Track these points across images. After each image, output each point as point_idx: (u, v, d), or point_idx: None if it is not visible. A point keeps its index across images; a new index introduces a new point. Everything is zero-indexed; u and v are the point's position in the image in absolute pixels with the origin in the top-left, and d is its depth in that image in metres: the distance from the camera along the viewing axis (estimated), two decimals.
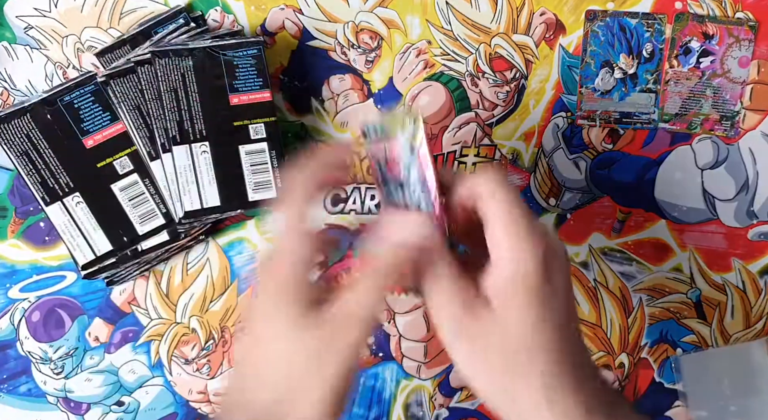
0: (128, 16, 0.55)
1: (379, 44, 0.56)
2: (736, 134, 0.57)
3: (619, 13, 0.56)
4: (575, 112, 0.57)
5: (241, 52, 0.52)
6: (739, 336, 0.58)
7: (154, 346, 0.58)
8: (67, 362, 0.57)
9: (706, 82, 0.56)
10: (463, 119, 0.57)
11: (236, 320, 0.54)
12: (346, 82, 0.57)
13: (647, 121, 0.57)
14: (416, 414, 0.58)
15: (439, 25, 0.56)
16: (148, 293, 0.57)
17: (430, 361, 0.58)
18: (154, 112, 0.52)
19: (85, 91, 0.53)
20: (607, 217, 0.57)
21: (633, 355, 0.58)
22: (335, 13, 0.56)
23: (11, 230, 0.56)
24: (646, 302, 0.58)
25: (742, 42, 0.56)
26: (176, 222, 0.53)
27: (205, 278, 0.57)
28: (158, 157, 0.52)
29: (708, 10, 0.55)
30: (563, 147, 0.57)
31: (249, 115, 0.52)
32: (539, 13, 0.56)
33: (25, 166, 0.52)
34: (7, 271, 0.57)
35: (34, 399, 0.57)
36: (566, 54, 0.56)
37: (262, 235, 0.57)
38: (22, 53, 0.56)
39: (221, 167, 0.52)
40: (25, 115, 0.52)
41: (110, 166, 0.53)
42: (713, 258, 0.58)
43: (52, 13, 0.55)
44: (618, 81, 0.56)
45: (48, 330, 0.57)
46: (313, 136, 0.57)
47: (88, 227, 0.53)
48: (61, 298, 0.57)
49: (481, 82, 0.56)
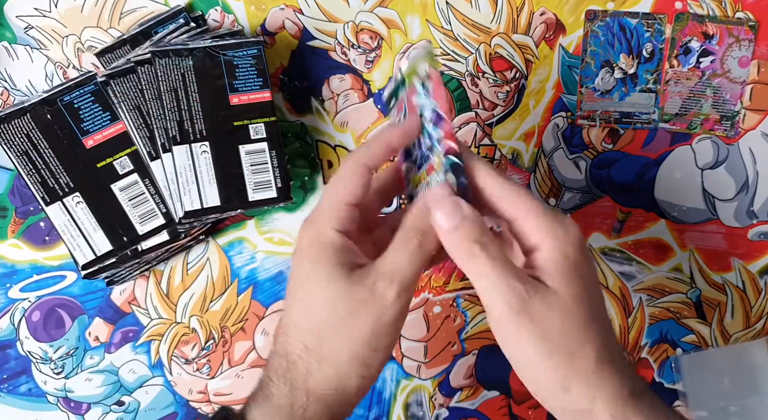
0: (128, 16, 0.56)
1: (379, 44, 0.56)
2: (736, 134, 0.57)
3: (619, 13, 0.56)
4: (575, 112, 0.57)
5: (241, 52, 0.52)
6: (739, 336, 0.58)
7: (155, 346, 0.58)
8: (67, 362, 0.57)
9: (706, 82, 0.56)
10: (463, 119, 0.57)
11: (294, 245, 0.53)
12: (346, 82, 0.57)
13: (647, 121, 0.57)
14: (416, 414, 0.58)
15: (439, 25, 0.56)
16: (148, 293, 0.57)
17: (430, 361, 0.58)
18: (154, 112, 0.52)
19: (85, 91, 0.53)
20: (607, 217, 0.57)
21: (633, 355, 0.58)
22: (335, 13, 0.56)
23: (11, 230, 0.56)
24: (646, 302, 0.58)
25: (742, 42, 0.56)
26: (176, 222, 0.53)
27: (205, 278, 0.57)
28: (158, 157, 0.52)
29: (708, 10, 0.55)
30: (563, 147, 0.57)
31: (249, 115, 0.52)
32: (539, 13, 0.56)
33: (26, 166, 0.52)
34: (8, 270, 0.57)
35: (34, 399, 0.57)
36: (566, 54, 0.56)
37: (261, 235, 0.57)
38: (22, 53, 0.56)
39: (221, 167, 0.52)
40: (25, 115, 0.52)
41: (110, 166, 0.53)
42: (713, 258, 0.58)
43: (52, 13, 0.55)
44: (618, 81, 0.56)
45: (48, 330, 0.57)
46: (313, 136, 0.57)
47: (88, 227, 0.53)
48: (61, 298, 0.57)
49: (481, 82, 0.56)
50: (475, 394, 0.58)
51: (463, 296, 0.58)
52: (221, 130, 0.52)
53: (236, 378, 0.58)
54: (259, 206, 0.53)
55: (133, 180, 0.53)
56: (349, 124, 0.57)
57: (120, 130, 0.53)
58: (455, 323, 0.58)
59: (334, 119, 0.57)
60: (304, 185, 0.57)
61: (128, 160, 0.53)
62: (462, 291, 0.58)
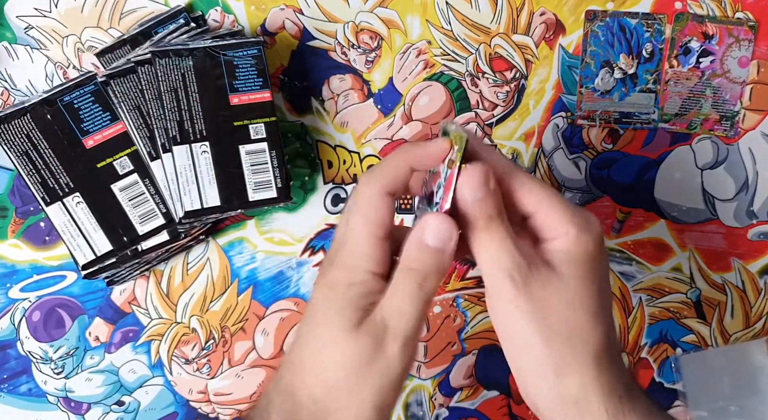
0: (128, 16, 0.56)
1: (379, 44, 0.56)
2: (736, 134, 0.57)
3: (619, 13, 0.56)
4: (575, 112, 0.57)
5: (241, 52, 0.52)
6: (739, 336, 0.58)
7: (155, 346, 0.58)
8: (67, 362, 0.57)
9: (706, 82, 0.56)
10: (463, 119, 0.57)
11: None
12: (346, 82, 0.57)
13: (647, 121, 0.57)
14: (416, 413, 0.58)
15: (439, 25, 0.56)
16: (148, 293, 0.57)
17: (430, 360, 0.58)
18: (155, 112, 0.52)
19: (85, 91, 0.53)
20: (607, 217, 0.58)
21: (633, 354, 0.58)
22: (335, 13, 0.56)
23: (11, 230, 0.56)
24: (645, 302, 0.58)
25: (741, 42, 0.56)
26: (176, 222, 0.53)
27: (205, 278, 0.57)
28: (158, 157, 0.52)
29: (708, 10, 0.55)
30: (563, 147, 0.57)
31: (249, 115, 0.52)
32: (539, 13, 0.56)
33: (26, 166, 0.52)
34: (8, 271, 0.57)
35: (34, 399, 0.57)
36: (566, 54, 0.56)
37: (262, 235, 0.57)
38: (22, 53, 0.56)
39: (221, 167, 0.52)
40: (25, 115, 0.52)
41: (110, 166, 0.53)
42: (713, 258, 0.58)
43: (52, 13, 0.55)
44: (618, 81, 0.56)
45: (48, 330, 0.57)
46: (313, 136, 0.57)
47: (89, 227, 0.53)
48: (61, 298, 0.57)
49: (481, 82, 0.56)
50: (475, 394, 0.58)
51: (463, 296, 0.58)
52: (221, 130, 0.52)
53: (236, 378, 0.58)
54: (259, 206, 0.53)
55: (133, 180, 0.53)
56: (349, 124, 0.57)
57: (120, 131, 0.53)
58: (455, 323, 0.58)
59: (334, 119, 0.57)
60: (304, 185, 0.57)
61: (128, 160, 0.53)
62: (462, 291, 0.58)
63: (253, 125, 0.52)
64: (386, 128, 0.57)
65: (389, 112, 0.57)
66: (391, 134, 0.57)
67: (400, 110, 0.57)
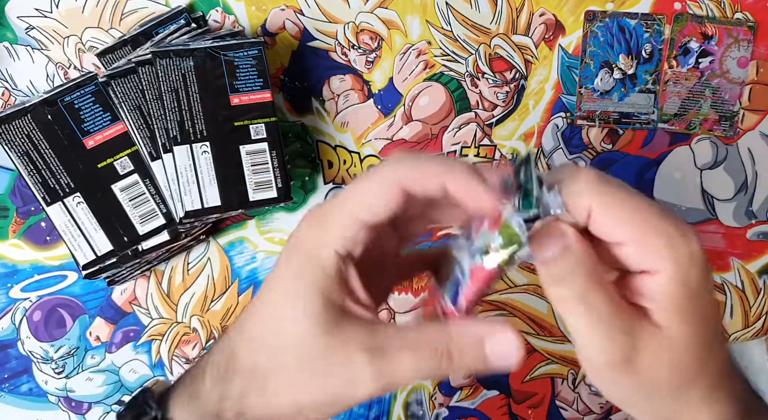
0: (129, 16, 0.56)
1: (380, 45, 0.56)
2: (735, 134, 0.57)
3: (619, 14, 0.56)
4: (575, 112, 0.57)
5: (241, 52, 0.52)
6: (738, 335, 0.58)
7: (155, 346, 0.58)
8: (68, 362, 0.57)
9: (705, 83, 0.56)
10: (463, 119, 0.57)
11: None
12: (347, 82, 0.57)
13: (646, 122, 0.57)
14: (416, 413, 0.58)
15: (439, 25, 0.56)
16: (149, 293, 0.57)
17: None
18: (155, 112, 0.52)
19: (85, 92, 0.53)
20: None
21: None
22: (335, 14, 0.56)
23: (12, 230, 0.57)
24: None
25: (741, 42, 0.56)
26: (177, 222, 0.53)
27: (205, 278, 0.57)
28: (159, 157, 0.52)
29: (707, 11, 0.56)
30: (563, 147, 0.57)
31: (249, 115, 0.52)
32: (539, 13, 0.56)
33: (26, 166, 0.52)
34: (9, 270, 0.57)
35: (35, 398, 0.58)
36: (566, 54, 0.57)
37: (262, 235, 0.57)
38: (23, 53, 0.56)
39: (222, 167, 0.52)
40: (26, 116, 0.52)
41: (111, 167, 0.53)
42: (712, 258, 0.58)
43: (53, 14, 0.56)
44: (617, 81, 0.57)
45: (49, 329, 0.57)
46: (313, 137, 0.57)
47: (89, 227, 0.53)
48: (62, 298, 0.57)
49: (481, 82, 0.57)
50: (474, 393, 0.58)
51: None
52: (222, 131, 0.52)
53: None
54: (259, 206, 0.53)
55: (134, 180, 0.53)
56: (349, 124, 0.57)
57: (120, 131, 0.53)
58: None
59: (334, 119, 0.57)
60: (304, 185, 0.57)
61: (129, 160, 0.53)
62: None
63: (253, 125, 0.52)
64: (386, 128, 0.57)
65: (389, 113, 0.57)
66: (391, 134, 0.57)
67: (400, 110, 0.57)
